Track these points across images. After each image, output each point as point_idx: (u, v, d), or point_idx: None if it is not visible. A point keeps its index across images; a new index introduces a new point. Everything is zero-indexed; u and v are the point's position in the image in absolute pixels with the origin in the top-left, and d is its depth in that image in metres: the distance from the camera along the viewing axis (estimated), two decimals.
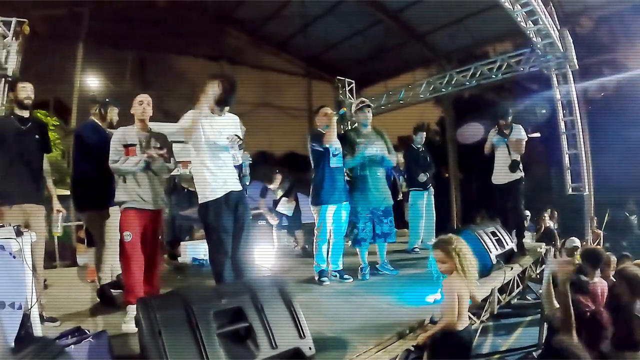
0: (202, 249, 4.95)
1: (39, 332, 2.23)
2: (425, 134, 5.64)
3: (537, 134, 10.02)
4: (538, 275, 4.85)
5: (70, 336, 2.08)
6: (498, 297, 3.66)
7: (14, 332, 1.90)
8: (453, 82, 9.45)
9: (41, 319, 2.42)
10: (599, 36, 9.69)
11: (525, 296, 5.54)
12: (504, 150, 4.62)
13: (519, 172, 4.58)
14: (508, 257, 4.08)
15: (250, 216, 3.00)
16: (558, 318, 2.37)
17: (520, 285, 4.34)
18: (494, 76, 8.76)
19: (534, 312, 5.24)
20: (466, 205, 11.91)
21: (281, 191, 5.71)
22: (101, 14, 8.69)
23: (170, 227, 5.33)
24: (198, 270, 4.83)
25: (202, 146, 2.73)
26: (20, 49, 5.02)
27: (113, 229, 3.16)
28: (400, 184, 6.17)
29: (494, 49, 10.58)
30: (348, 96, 10.91)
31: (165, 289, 3.04)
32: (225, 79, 2.76)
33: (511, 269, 4.01)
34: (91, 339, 2.04)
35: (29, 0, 6.64)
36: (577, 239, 5.62)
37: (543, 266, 5.11)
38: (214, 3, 10.02)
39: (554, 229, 7.36)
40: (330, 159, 3.75)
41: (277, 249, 5.72)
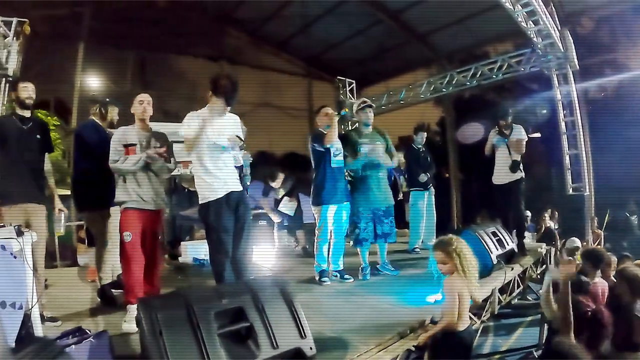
0: (203, 249, 4.93)
1: (40, 332, 2.23)
2: (425, 134, 5.64)
3: (538, 134, 10.01)
4: (538, 276, 4.85)
5: (71, 336, 2.08)
6: (498, 297, 3.67)
7: (14, 332, 1.91)
8: (454, 82, 9.44)
9: (42, 318, 2.42)
10: (600, 36, 9.68)
11: (526, 296, 5.54)
12: (504, 150, 4.62)
13: (519, 173, 4.58)
14: (509, 258, 4.09)
15: (251, 216, 3.00)
16: (558, 319, 2.37)
17: (521, 286, 4.34)
18: (494, 76, 8.74)
19: (534, 313, 5.22)
20: (467, 206, 11.88)
21: (283, 191, 5.71)
22: (101, 14, 8.68)
23: (171, 227, 5.33)
24: (199, 270, 4.82)
25: (203, 147, 2.73)
26: (21, 49, 5.03)
27: (114, 229, 3.16)
28: (400, 184, 6.17)
29: (494, 49, 10.53)
30: (348, 96, 10.89)
31: (165, 289, 3.05)
32: (227, 79, 2.75)
33: (512, 269, 4.02)
34: (92, 339, 2.04)
35: (29, 0, 6.64)
36: (578, 239, 5.61)
37: (544, 266, 5.12)
38: (214, 3, 10.01)
39: (554, 229, 7.33)
40: (331, 159, 3.75)
41: (278, 249, 5.72)
